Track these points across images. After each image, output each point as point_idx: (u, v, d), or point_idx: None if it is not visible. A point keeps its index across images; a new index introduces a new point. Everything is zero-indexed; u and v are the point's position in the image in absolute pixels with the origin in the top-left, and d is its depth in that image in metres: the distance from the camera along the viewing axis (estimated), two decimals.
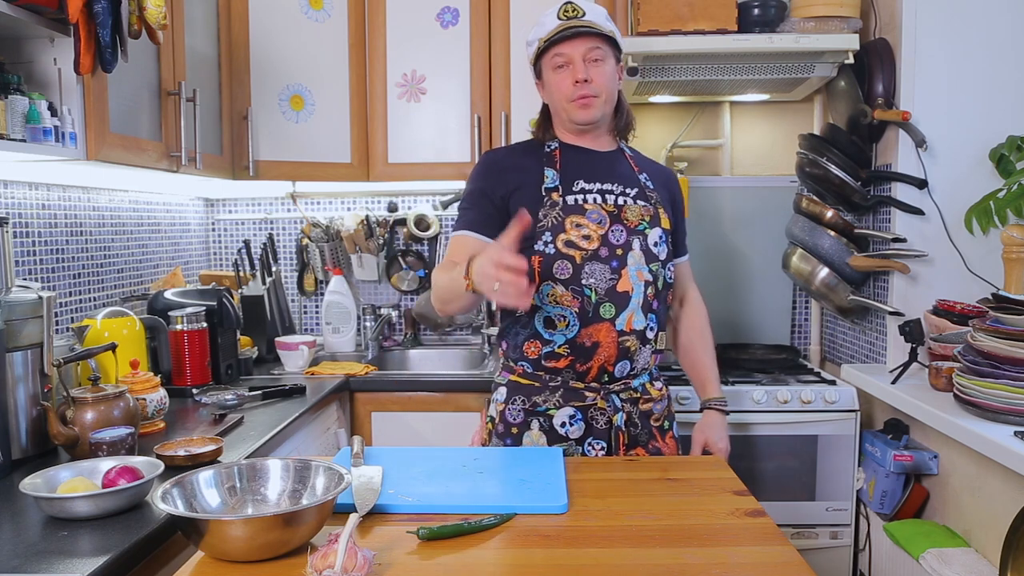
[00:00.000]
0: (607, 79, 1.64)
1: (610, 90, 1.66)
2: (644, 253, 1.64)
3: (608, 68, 1.64)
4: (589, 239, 1.60)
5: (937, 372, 1.98)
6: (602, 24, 1.63)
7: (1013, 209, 2.11)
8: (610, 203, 1.65)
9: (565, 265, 1.60)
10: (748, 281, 2.87)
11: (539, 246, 1.60)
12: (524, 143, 1.79)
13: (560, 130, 1.74)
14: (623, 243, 1.62)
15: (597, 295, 1.60)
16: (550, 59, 1.64)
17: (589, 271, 1.59)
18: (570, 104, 1.64)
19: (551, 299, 1.61)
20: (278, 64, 2.51)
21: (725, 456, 1.73)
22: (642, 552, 1.07)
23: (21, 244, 1.95)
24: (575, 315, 1.60)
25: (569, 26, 1.61)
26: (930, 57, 2.22)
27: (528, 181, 1.65)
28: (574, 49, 1.61)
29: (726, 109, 2.91)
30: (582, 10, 1.63)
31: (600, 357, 1.62)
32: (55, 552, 1.12)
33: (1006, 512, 1.70)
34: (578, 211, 1.62)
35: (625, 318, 1.61)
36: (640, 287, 1.63)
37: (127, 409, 1.57)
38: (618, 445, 1.65)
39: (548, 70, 1.66)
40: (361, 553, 0.97)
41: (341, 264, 3.00)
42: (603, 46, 1.63)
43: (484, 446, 1.73)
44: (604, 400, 1.64)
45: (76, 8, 1.49)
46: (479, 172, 1.71)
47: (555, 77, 1.65)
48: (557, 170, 1.67)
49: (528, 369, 1.67)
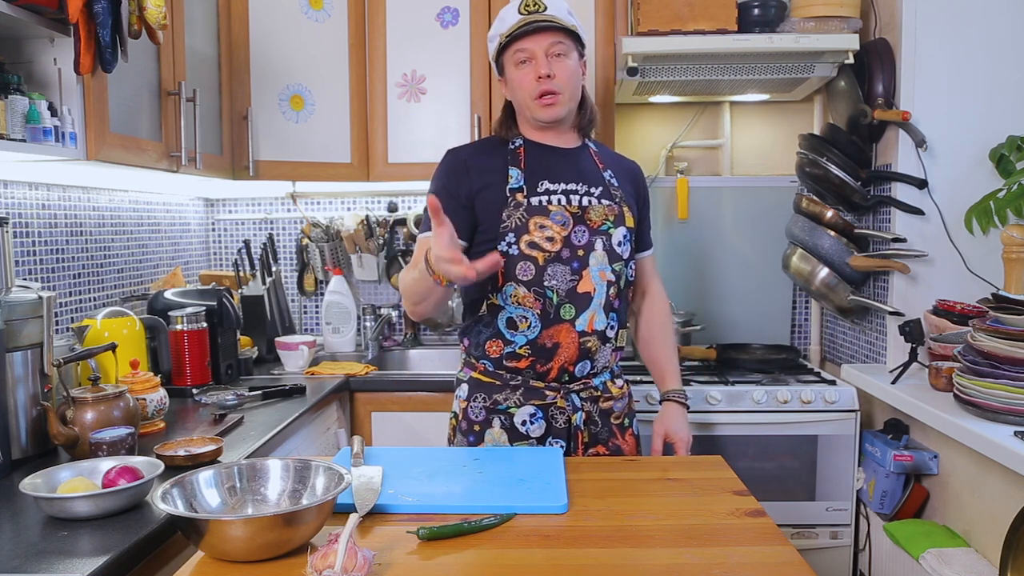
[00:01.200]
0: (570, 74, 1.62)
1: (573, 86, 1.64)
2: (607, 253, 1.64)
3: (571, 63, 1.63)
4: (552, 240, 1.60)
5: (937, 372, 1.98)
6: (564, 18, 1.61)
7: (1013, 209, 2.11)
8: (574, 204, 1.64)
9: (528, 266, 1.60)
10: (748, 281, 2.87)
11: (502, 247, 1.60)
12: (486, 140, 1.76)
13: (524, 127, 1.72)
14: (585, 244, 1.62)
15: (558, 296, 1.60)
16: (512, 55, 1.63)
17: (551, 272, 1.60)
18: (534, 102, 1.63)
19: (513, 300, 1.61)
20: (278, 64, 2.51)
21: (686, 448, 1.73)
22: (642, 552, 1.07)
23: (21, 244, 1.95)
24: (536, 316, 1.60)
25: (530, 20, 1.59)
26: (930, 57, 2.22)
27: (493, 181, 1.64)
28: (536, 44, 1.60)
29: (726, 109, 2.91)
30: (543, 4, 1.61)
31: (560, 358, 1.62)
32: (55, 552, 1.12)
33: (1006, 512, 1.70)
34: (542, 212, 1.61)
35: (586, 319, 1.61)
36: (603, 287, 1.63)
37: (127, 409, 1.57)
38: (577, 444, 1.65)
39: (510, 66, 1.64)
40: (361, 553, 0.97)
41: (341, 264, 3.00)
42: (566, 40, 1.61)
43: (450, 444, 1.74)
44: (564, 399, 1.65)
45: (76, 8, 1.49)
46: (443, 171, 1.69)
47: (517, 73, 1.63)
48: (522, 169, 1.65)
49: (489, 367, 1.68)
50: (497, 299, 1.63)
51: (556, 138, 1.71)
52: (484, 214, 1.63)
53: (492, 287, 1.63)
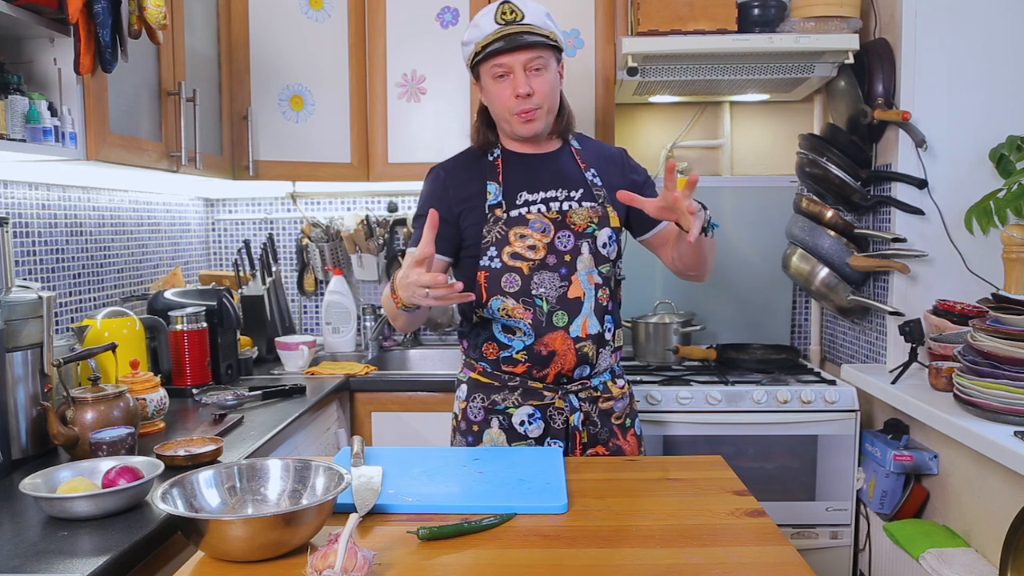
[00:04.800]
0: (549, 88, 1.59)
1: (552, 99, 1.61)
2: (594, 256, 1.63)
3: (550, 76, 1.59)
4: (535, 248, 1.60)
5: (937, 372, 1.98)
6: (542, 25, 1.57)
7: (1013, 209, 2.11)
8: (554, 210, 1.63)
9: (513, 278, 1.60)
10: (748, 281, 2.87)
11: (484, 261, 1.60)
12: (467, 153, 1.73)
13: (502, 136, 1.70)
14: (571, 248, 1.61)
15: (549, 304, 1.60)
16: (489, 68, 1.58)
17: (538, 281, 1.59)
18: (513, 117, 1.60)
19: (503, 312, 1.61)
20: (278, 64, 2.51)
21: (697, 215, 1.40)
22: (642, 552, 1.07)
23: (21, 244, 1.95)
24: (529, 326, 1.60)
25: (507, 33, 1.54)
26: (930, 57, 2.22)
27: (473, 199, 1.64)
28: (514, 59, 1.55)
29: (726, 109, 2.91)
30: (520, 12, 1.55)
31: (557, 364, 1.62)
32: (55, 552, 1.12)
33: (1006, 512, 1.70)
34: (520, 222, 1.61)
35: (579, 324, 1.61)
36: (591, 291, 1.62)
37: (127, 409, 1.57)
38: (575, 444, 1.65)
39: (487, 77, 1.60)
40: (361, 553, 0.97)
41: (341, 264, 3.00)
42: (544, 53, 1.57)
43: (451, 444, 1.74)
44: (562, 400, 1.64)
45: (76, 8, 1.49)
46: (428, 193, 1.69)
47: (495, 87, 1.59)
48: (499, 183, 1.64)
49: (487, 369, 1.68)
50: (484, 313, 1.63)
51: (534, 146, 1.69)
52: (467, 231, 1.64)
53: (476, 303, 1.63)
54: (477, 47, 1.59)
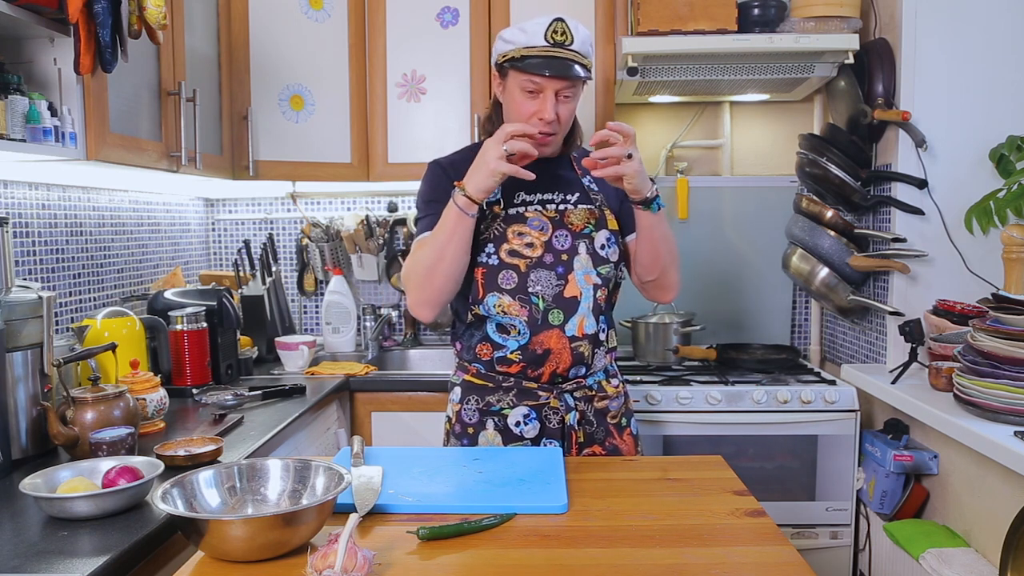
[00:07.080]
0: (570, 114, 1.62)
1: (569, 124, 1.64)
2: (591, 256, 1.63)
3: (575, 103, 1.61)
4: (532, 246, 1.60)
5: (937, 372, 1.98)
6: (585, 52, 1.57)
7: (1013, 209, 2.11)
8: (551, 210, 1.64)
9: (510, 275, 1.59)
10: (748, 281, 2.87)
11: (482, 258, 1.60)
12: (468, 151, 1.73)
13: None
14: (568, 248, 1.62)
15: (545, 302, 1.60)
16: (523, 79, 1.57)
17: (535, 279, 1.59)
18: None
19: (499, 309, 1.60)
20: (278, 64, 2.51)
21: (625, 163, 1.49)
22: (642, 552, 1.07)
23: (21, 244, 1.95)
24: (524, 324, 1.60)
25: (555, 55, 1.53)
26: (930, 57, 2.22)
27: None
28: (550, 83, 1.55)
29: (726, 109, 2.91)
30: (572, 35, 1.55)
31: (552, 363, 1.62)
32: (55, 552, 1.12)
33: (1006, 512, 1.70)
34: (519, 220, 1.62)
35: (575, 323, 1.61)
36: (589, 291, 1.62)
37: (127, 409, 1.57)
38: (571, 444, 1.65)
39: (516, 85, 1.59)
40: (361, 553, 0.97)
41: (341, 264, 3.00)
42: (579, 83, 1.58)
43: (444, 446, 1.73)
44: (557, 399, 1.64)
45: (76, 8, 1.49)
46: (430, 182, 1.68)
47: (522, 98, 1.58)
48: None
49: (481, 370, 1.68)
50: (480, 310, 1.62)
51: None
52: None
53: (473, 300, 1.62)
54: (517, 53, 1.56)
